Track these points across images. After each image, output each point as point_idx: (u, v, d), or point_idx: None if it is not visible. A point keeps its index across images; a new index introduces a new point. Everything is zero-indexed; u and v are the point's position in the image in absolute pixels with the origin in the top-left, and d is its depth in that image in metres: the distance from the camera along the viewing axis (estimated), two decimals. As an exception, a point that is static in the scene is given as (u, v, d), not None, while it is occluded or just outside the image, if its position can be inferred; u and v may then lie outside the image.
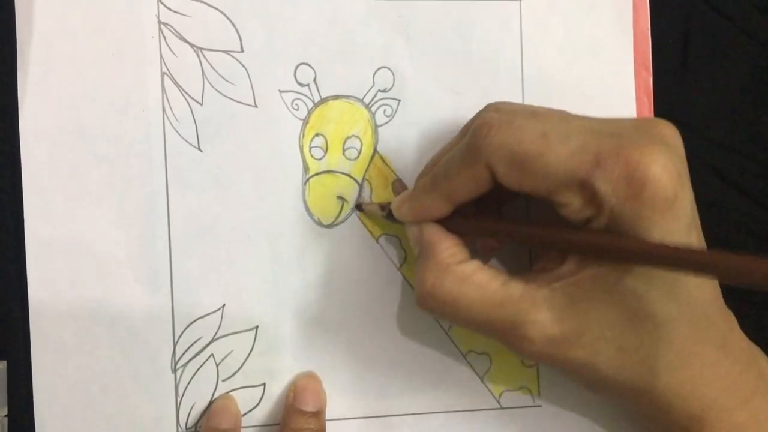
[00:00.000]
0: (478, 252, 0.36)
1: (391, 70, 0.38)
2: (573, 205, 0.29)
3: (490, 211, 0.35)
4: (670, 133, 0.30)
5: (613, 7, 0.40)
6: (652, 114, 0.40)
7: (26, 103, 0.36)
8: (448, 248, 0.32)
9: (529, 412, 0.39)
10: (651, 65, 0.40)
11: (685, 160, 0.30)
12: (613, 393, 0.32)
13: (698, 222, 0.31)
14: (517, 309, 0.30)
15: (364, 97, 0.38)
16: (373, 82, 0.38)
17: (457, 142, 0.34)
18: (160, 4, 0.37)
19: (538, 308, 0.30)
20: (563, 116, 0.31)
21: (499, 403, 0.39)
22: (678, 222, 0.28)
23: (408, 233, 0.35)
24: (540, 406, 0.39)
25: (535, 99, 0.39)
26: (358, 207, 0.38)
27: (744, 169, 0.41)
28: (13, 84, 0.36)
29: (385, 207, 0.36)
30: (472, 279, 0.31)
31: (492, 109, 0.32)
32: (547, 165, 0.29)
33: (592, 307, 0.30)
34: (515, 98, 0.39)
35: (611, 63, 0.40)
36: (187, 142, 0.37)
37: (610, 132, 0.29)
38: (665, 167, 0.28)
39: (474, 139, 0.30)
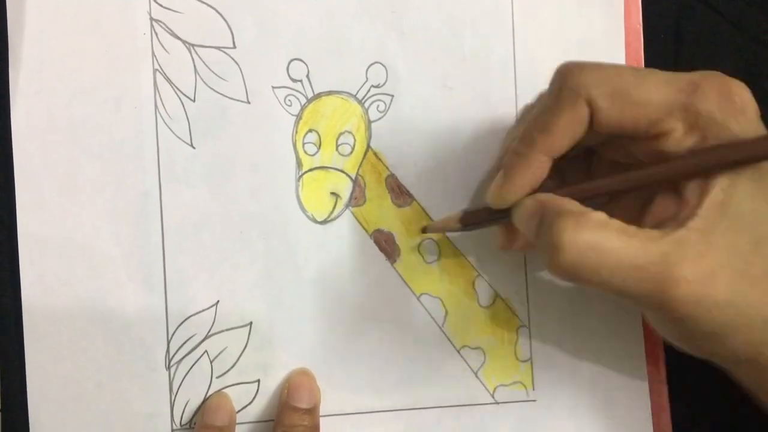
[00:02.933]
0: None
1: (384, 66, 0.38)
2: (677, 131, 0.30)
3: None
4: None
5: (604, 3, 0.40)
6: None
7: (18, 100, 0.36)
8: (570, 202, 0.30)
9: (523, 407, 0.39)
10: (643, 61, 0.40)
11: None
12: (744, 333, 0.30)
13: None
14: (663, 250, 0.28)
15: (357, 93, 0.38)
16: (367, 78, 0.38)
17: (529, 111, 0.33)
18: (152, 1, 0.37)
19: (682, 246, 0.28)
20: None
21: (493, 398, 0.39)
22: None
23: (517, 218, 0.32)
24: (534, 400, 0.39)
25: (528, 94, 0.39)
26: (424, 230, 0.38)
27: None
28: (5, 81, 0.36)
29: (453, 221, 0.36)
30: (611, 224, 0.29)
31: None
32: (648, 93, 0.29)
33: (722, 239, 0.29)
34: (508, 94, 0.39)
35: (602, 58, 0.39)
36: (180, 138, 0.37)
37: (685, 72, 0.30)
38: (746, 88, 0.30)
39: (567, 80, 0.30)
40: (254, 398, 0.37)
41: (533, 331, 0.39)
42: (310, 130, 0.38)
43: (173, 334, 0.37)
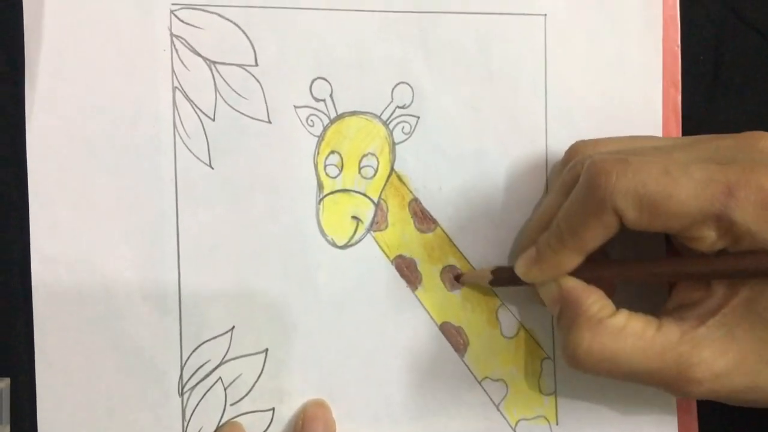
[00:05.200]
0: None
1: (410, 86, 0.37)
2: (708, 238, 0.29)
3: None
4: None
5: (641, 22, 0.38)
6: (680, 133, 0.38)
7: (34, 115, 0.35)
8: (594, 302, 0.32)
9: (546, 442, 0.38)
10: (680, 83, 0.38)
11: None
12: None
13: None
14: (679, 353, 0.30)
15: (381, 114, 0.37)
16: (392, 98, 0.37)
17: (556, 187, 0.34)
18: (173, 16, 0.35)
19: (699, 348, 0.30)
20: (668, 145, 0.32)
21: (515, 432, 0.37)
22: None
23: (542, 293, 0.34)
24: (558, 436, 0.38)
25: (558, 117, 0.38)
26: (457, 278, 0.37)
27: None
28: (21, 96, 0.35)
29: (485, 276, 0.36)
30: (627, 331, 0.31)
31: (589, 146, 0.34)
32: (679, 204, 0.29)
33: (749, 332, 0.30)
34: (538, 116, 0.38)
35: (638, 80, 0.38)
36: (198, 158, 0.36)
37: (726, 157, 0.30)
38: None
39: (594, 188, 0.30)
40: (268, 427, 0.36)
41: (558, 364, 0.38)
42: (333, 152, 0.37)
43: (187, 360, 0.36)
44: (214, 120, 0.36)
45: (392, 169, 0.37)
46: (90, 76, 0.35)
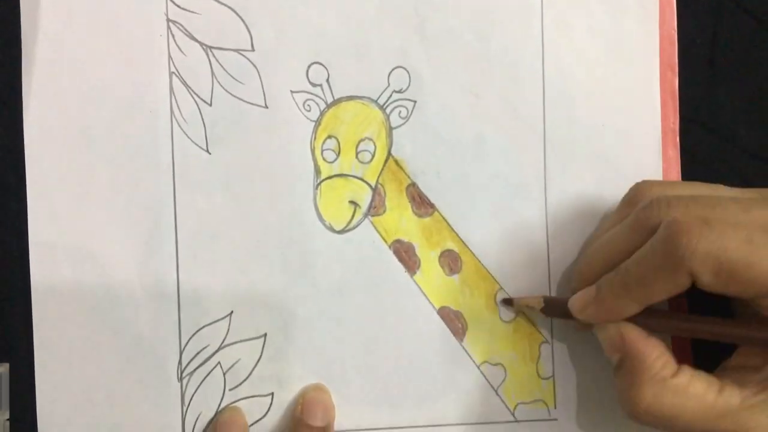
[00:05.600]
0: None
1: (407, 70, 0.37)
2: None
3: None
4: None
5: (638, 7, 0.38)
6: (677, 116, 0.38)
7: (31, 103, 0.35)
8: (658, 358, 0.31)
9: (544, 426, 0.38)
10: (677, 67, 0.38)
11: None
12: None
13: None
14: (738, 418, 0.30)
15: (378, 98, 0.37)
16: (388, 83, 0.37)
17: (618, 219, 0.34)
18: (169, 1, 0.35)
19: (758, 415, 0.30)
20: (746, 198, 0.31)
21: (513, 416, 0.37)
22: None
23: (600, 334, 0.33)
24: (556, 419, 0.38)
25: (556, 102, 0.37)
26: (506, 302, 0.37)
27: (772, 177, 0.39)
28: (18, 84, 0.35)
29: (535, 305, 0.36)
30: (690, 391, 0.31)
31: (655, 187, 0.33)
32: (760, 273, 0.28)
33: None
34: (535, 101, 0.37)
35: (635, 64, 0.38)
36: (196, 144, 0.36)
37: None
38: None
39: (674, 247, 0.29)
40: (267, 412, 0.36)
41: (556, 348, 0.38)
42: (330, 137, 0.37)
43: (186, 345, 0.36)
44: (211, 105, 0.36)
45: (389, 153, 0.37)
46: (87, 63, 0.35)
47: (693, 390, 0.30)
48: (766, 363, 0.31)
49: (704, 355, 0.34)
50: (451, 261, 0.37)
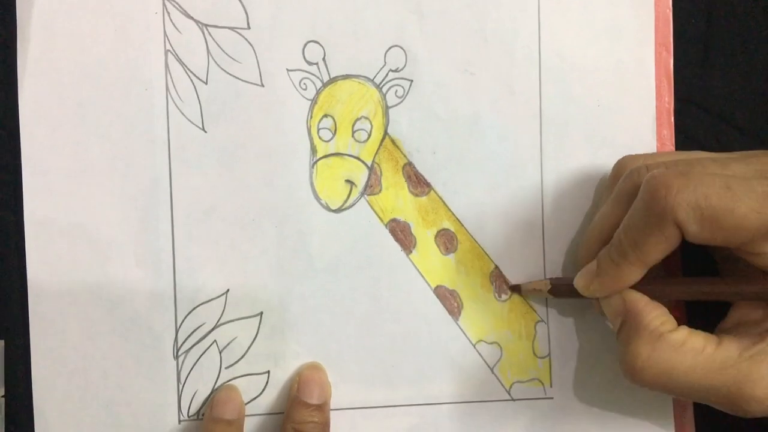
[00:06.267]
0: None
1: (403, 49, 0.37)
2: None
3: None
4: None
5: (634, -14, 0.38)
6: (672, 95, 0.38)
7: (26, 80, 0.35)
8: (657, 317, 0.32)
9: (540, 404, 0.38)
10: (672, 46, 0.38)
11: None
12: None
13: None
14: (739, 370, 0.30)
15: (374, 77, 0.37)
16: (385, 62, 0.37)
17: (608, 196, 0.34)
18: (164, -22, 0.35)
19: (758, 364, 0.30)
20: (723, 157, 0.32)
21: (509, 394, 0.38)
22: None
23: (606, 307, 0.34)
24: (552, 398, 0.38)
25: (552, 80, 0.37)
26: (515, 289, 0.37)
27: (767, 156, 0.39)
28: (13, 61, 0.35)
29: (542, 288, 0.36)
30: (687, 346, 0.31)
31: (638, 159, 0.34)
32: (741, 218, 0.29)
33: None
34: (532, 80, 0.37)
35: (631, 43, 0.38)
36: (191, 122, 0.36)
37: None
38: None
39: (655, 201, 0.30)
40: (264, 390, 0.36)
41: (552, 327, 0.38)
42: (326, 115, 0.37)
43: (182, 323, 0.36)
44: (206, 83, 0.36)
45: (386, 132, 0.37)
46: (81, 40, 0.35)
47: (691, 344, 0.31)
48: (763, 317, 0.31)
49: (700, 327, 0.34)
50: (446, 240, 0.37)
